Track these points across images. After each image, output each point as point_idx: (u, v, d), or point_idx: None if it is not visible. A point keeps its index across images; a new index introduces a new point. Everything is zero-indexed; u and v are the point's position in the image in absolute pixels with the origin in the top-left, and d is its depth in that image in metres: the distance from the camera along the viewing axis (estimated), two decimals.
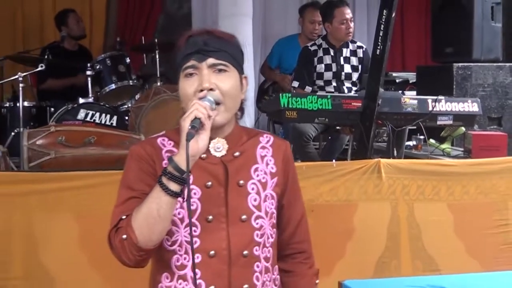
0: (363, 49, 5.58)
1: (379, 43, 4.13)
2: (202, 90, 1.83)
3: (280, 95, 4.14)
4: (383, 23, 4.10)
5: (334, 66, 5.48)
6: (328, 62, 5.47)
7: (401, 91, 5.68)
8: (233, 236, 1.87)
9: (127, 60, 6.17)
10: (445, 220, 3.81)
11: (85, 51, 6.90)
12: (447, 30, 5.38)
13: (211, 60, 1.85)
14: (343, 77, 5.48)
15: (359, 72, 5.52)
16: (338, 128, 5.28)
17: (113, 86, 6.04)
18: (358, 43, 5.66)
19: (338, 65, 5.48)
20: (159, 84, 5.81)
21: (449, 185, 3.81)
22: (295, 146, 5.02)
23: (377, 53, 4.15)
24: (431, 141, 4.78)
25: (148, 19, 8.09)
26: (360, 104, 4.20)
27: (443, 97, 4.41)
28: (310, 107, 4.13)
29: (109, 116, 5.48)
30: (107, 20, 8.04)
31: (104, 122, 5.44)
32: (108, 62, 6.03)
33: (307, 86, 5.44)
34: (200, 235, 1.86)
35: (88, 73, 5.84)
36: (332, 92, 5.30)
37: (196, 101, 1.78)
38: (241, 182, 1.91)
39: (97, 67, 5.98)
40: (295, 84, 5.51)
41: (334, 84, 5.48)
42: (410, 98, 4.36)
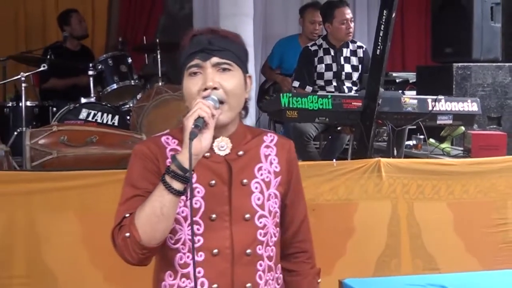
0: (363, 49, 5.58)
1: (379, 43, 4.14)
2: (206, 89, 1.82)
3: (281, 95, 4.14)
4: (383, 23, 4.11)
5: (335, 66, 5.48)
6: (329, 62, 5.48)
7: (401, 91, 5.67)
8: (237, 235, 1.86)
9: (129, 60, 6.15)
10: (445, 219, 3.82)
11: (88, 51, 6.90)
12: (447, 30, 5.39)
13: (215, 59, 1.84)
14: (344, 77, 5.48)
15: (359, 72, 5.52)
16: (339, 128, 5.27)
17: (115, 86, 6.02)
18: (358, 43, 5.66)
19: (339, 65, 5.48)
20: (161, 84, 5.79)
21: (449, 184, 3.82)
22: (296, 146, 4.99)
23: (377, 53, 4.16)
24: (431, 141, 4.79)
25: (150, 19, 8.08)
26: (361, 104, 4.21)
27: (443, 97, 4.42)
28: (311, 107, 4.14)
29: (111, 116, 5.47)
30: (109, 20, 8.03)
31: (106, 122, 5.43)
32: (110, 62, 6.01)
33: (308, 86, 5.44)
34: (204, 234, 1.85)
35: (90, 73, 5.83)
36: (333, 92, 5.30)
37: (200, 100, 1.77)
38: (245, 181, 1.90)
39: (99, 67, 5.96)
40: (296, 84, 5.50)
41: (335, 84, 5.48)
42: (410, 98, 4.37)
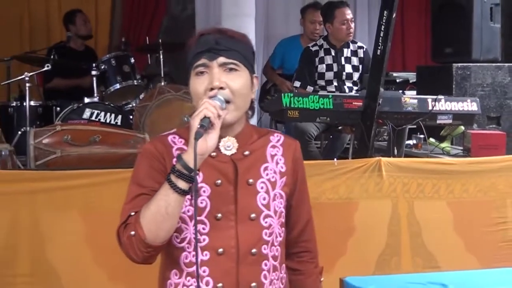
0: (364, 49, 5.60)
1: (380, 44, 4.16)
2: (213, 89, 1.82)
3: (282, 95, 4.15)
4: (384, 24, 4.12)
5: (335, 66, 5.50)
6: (329, 62, 5.49)
7: (402, 91, 5.70)
8: (242, 234, 1.86)
9: (132, 60, 6.18)
10: (445, 218, 3.83)
11: (91, 52, 6.91)
12: (447, 31, 5.40)
13: (222, 59, 1.84)
14: (344, 77, 5.50)
15: (360, 72, 5.53)
16: (340, 127, 5.29)
17: (118, 86, 6.05)
18: (359, 43, 5.68)
19: (339, 65, 5.50)
20: (163, 84, 5.81)
21: (449, 183, 3.83)
22: None
23: (378, 54, 4.18)
24: (431, 140, 4.80)
25: (153, 20, 8.09)
26: (361, 104, 4.22)
27: (443, 97, 4.43)
28: (312, 107, 4.15)
29: (114, 115, 5.48)
30: (112, 21, 8.06)
31: (109, 121, 5.44)
32: (113, 62, 6.04)
33: (309, 86, 5.45)
34: (209, 233, 1.85)
35: (93, 73, 5.85)
36: (334, 92, 5.32)
37: (206, 100, 1.76)
38: (251, 181, 1.90)
39: (102, 67, 5.98)
40: (297, 84, 5.52)
41: (335, 84, 5.49)
42: (410, 98, 4.39)
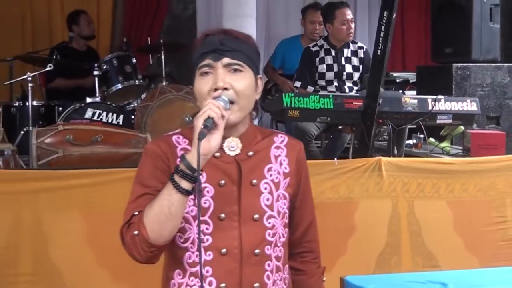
0: (364, 50, 5.61)
1: (380, 44, 4.17)
2: (217, 89, 1.82)
3: (283, 95, 4.17)
4: (384, 24, 4.13)
5: (336, 66, 5.51)
6: (330, 63, 5.51)
7: (402, 91, 5.71)
8: (245, 235, 1.87)
9: (133, 60, 6.19)
10: (445, 217, 3.84)
11: (93, 52, 6.93)
12: (447, 31, 5.41)
13: (227, 60, 1.84)
14: (345, 77, 5.51)
15: (360, 72, 5.55)
16: (340, 127, 5.30)
17: (120, 86, 6.06)
18: (359, 44, 5.69)
19: (340, 65, 5.51)
20: (165, 84, 5.82)
21: (449, 183, 3.84)
22: None
23: (378, 54, 4.19)
24: (431, 140, 4.81)
25: (154, 20, 8.10)
26: (361, 104, 4.23)
27: (443, 97, 4.44)
28: (312, 107, 4.16)
29: (116, 115, 5.50)
30: (114, 22, 8.08)
31: (111, 121, 5.45)
32: (115, 62, 6.06)
33: (309, 86, 5.47)
34: (212, 233, 1.85)
35: (95, 73, 5.86)
36: (334, 92, 5.34)
37: (211, 101, 1.77)
38: (254, 182, 1.90)
39: (104, 67, 6.00)
40: (297, 84, 5.53)
41: (336, 84, 5.51)
42: (410, 98, 4.40)
